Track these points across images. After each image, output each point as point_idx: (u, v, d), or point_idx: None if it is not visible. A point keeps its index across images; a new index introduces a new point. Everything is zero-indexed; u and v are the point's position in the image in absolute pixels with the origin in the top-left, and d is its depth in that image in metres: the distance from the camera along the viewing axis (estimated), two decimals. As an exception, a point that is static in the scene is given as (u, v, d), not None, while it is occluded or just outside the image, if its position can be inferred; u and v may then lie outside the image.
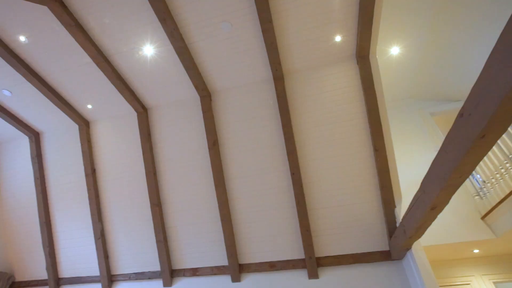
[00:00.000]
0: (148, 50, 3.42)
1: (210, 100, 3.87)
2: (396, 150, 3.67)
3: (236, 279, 3.82)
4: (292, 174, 3.59)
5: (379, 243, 3.40)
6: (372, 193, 3.46)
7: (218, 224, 3.91)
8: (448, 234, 3.91)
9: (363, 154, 3.50)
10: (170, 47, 3.35)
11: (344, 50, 3.48)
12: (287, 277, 3.65)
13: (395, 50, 4.30)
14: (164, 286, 4.12)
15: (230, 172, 3.86)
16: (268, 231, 3.77)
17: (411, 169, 4.43)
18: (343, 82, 3.59)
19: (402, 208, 3.34)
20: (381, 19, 3.42)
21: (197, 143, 3.98)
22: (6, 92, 3.99)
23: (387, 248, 3.37)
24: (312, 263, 3.52)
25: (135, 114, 4.19)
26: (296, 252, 3.68)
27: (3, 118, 4.35)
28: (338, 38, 3.35)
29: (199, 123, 3.95)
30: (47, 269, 4.64)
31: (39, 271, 4.78)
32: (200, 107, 3.93)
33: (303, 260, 3.62)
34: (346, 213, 3.52)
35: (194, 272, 4.06)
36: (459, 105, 4.89)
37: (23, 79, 3.79)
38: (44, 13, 3.09)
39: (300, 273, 3.62)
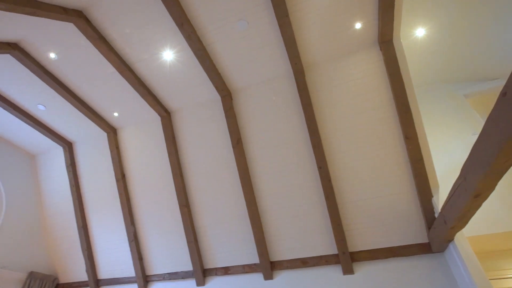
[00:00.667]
0: (168, 55, 3.54)
1: (231, 99, 3.94)
2: (429, 137, 3.52)
3: (268, 276, 3.87)
4: (319, 168, 3.57)
5: (417, 235, 3.29)
6: (405, 183, 3.35)
7: (247, 222, 3.98)
8: (496, 222, 3.68)
9: (393, 143, 3.39)
10: (189, 50, 3.45)
11: (366, 37, 3.39)
12: (320, 273, 3.64)
13: (420, 32, 4.11)
14: (197, 285, 4.26)
15: (255, 169, 3.91)
16: (298, 227, 3.77)
17: (447, 156, 4.23)
18: (367, 70, 3.51)
19: (440, 197, 3.21)
20: (403, 0, 3.29)
21: (221, 143, 4.07)
22: (41, 107, 4.31)
23: (426, 240, 3.25)
24: (346, 258, 3.48)
25: (159, 118, 4.36)
26: (328, 247, 3.65)
27: (39, 131, 4.70)
28: (358, 25, 3.26)
29: (222, 123, 4.03)
30: (87, 271, 4.97)
31: (80, 273, 5.13)
32: (221, 106, 4.01)
33: (336, 255, 3.59)
34: (379, 205, 3.44)
35: (226, 271, 4.16)
36: (497, 84, 4.59)
37: (55, 93, 4.08)
38: (70, 29, 3.30)
39: (334, 269, 3.59)
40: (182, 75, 3.79)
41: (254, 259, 4.00)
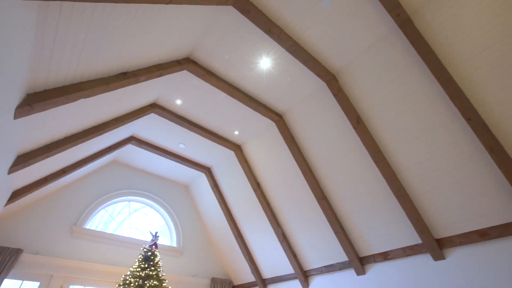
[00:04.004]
0: (265, 62, 3.90)
1: (337, 81, 3.94)
2: None
3: (438, 257, 3.57)
4: (468, 120, 3.08)
5: None
6: None
7: (393, 201, 3.82)
8: None
9: None
10: (282, 50, 3.70)
11: None
12: (512, 243, 3.08)
13: None
14: (357, 275, 4.35)
15: (386, 143, 3.74)
16: (460, 194, 3.34)
17: None
18: (501, -22, 2.82)
19: None
20: None
21: (341, 127, 4.10)
22: (182, 145, 5.51)
23: None
24: (547, 219, 2.83)
25: (274, 123, 4.80)
26: (513, 211, 3.07)
27: (185, 165, 5.99)
28: None
29: (335, 107, 4.07)
30: (252, 273, 5.88)
31: (249, 275, 6.11)
32: (329, 92, 4.06)
33: (529, 218, 2.98)
34: None
35: (385, 256, 4.08)
36: None
37: (188, 131, 5.14)
38: (185, 75, 4.13)
39: (532, 235, 2.98)
40: (282, 76, 4.08)
41: (415, 239, 3.77)
